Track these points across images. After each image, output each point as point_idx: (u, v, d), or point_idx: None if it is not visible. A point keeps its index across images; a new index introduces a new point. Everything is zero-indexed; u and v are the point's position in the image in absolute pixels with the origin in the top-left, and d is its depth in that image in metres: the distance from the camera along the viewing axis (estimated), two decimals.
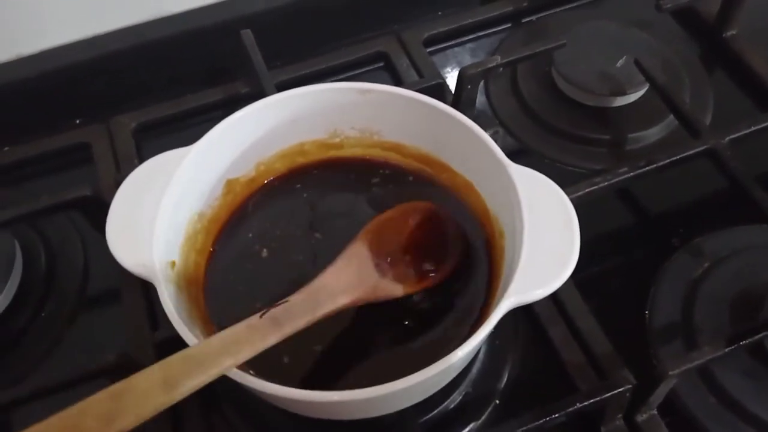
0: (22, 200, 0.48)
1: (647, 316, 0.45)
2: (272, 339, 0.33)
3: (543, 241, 0.34)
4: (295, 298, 0.35)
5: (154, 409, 0.28)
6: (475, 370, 0.43)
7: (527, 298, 0.33)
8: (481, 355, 0.43)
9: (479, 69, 0.50)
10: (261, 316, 0.33)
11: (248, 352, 0.31)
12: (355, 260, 0.38)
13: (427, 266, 0.40)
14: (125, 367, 0.39)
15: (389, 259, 0.39)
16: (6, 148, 0.56)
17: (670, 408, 0.41)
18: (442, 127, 0.40)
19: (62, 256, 0.49)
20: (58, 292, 0.47)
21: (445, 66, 0.59)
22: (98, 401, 0.28)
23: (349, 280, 0.37)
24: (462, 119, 0.39)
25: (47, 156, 0.55)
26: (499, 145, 0.38)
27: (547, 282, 0.34)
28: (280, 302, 0.34)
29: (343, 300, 0.36)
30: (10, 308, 0.46)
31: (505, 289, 0.34)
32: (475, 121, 0.39)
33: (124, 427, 0.27)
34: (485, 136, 0.38)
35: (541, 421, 0.37)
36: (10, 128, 0.56)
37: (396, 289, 0.38)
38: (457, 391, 0.42)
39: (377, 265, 0.38)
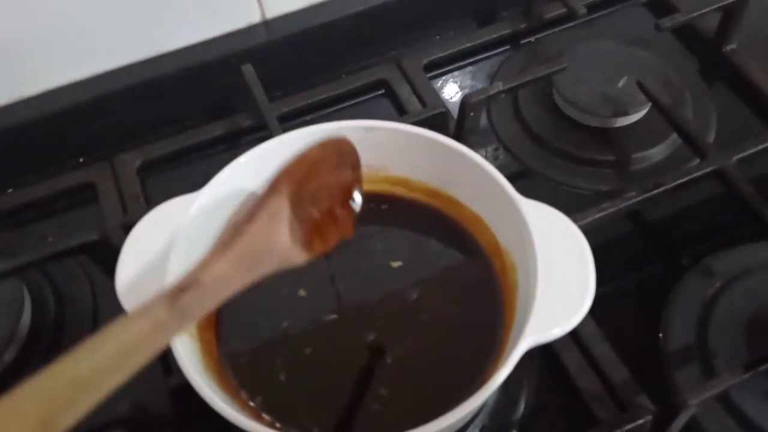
0: (29, 244, 0.48)
1: (661, 338, 0.44)
2: (177, 334, 0.28)
3: (557, 278, 0.34)
4: (206, 279, 0.29)
5: None
6: (491, 401, 0.43)
7: (545, 338, 0.33)
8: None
9: (481, 96, 0.50)
10: (171, 302, 0.27)
11: (148, 355, 0.26)
12: (274, 223, 0.32)
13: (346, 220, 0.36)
14: (139, 417, 0.39)
15: (304, 212, 0.34)
16: (10, 191, 0.56)
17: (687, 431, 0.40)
18: (449, 162, 0.40)
19: (71, 301, 0.49)
20: (67, 339, 0.47)
21: (446, 90, 0.59)
22: None
23: (263, 248, 0.31)
24: (469, 155, 0.39)
25: (52, 197, 0.54)
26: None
27: (563, 320, 0.33)
28: (188, 283, 0.29)
29: (253, 276, 0.31)
30: (19, 356, 0.45)
31: (520, 327, 0.34)
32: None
33: None
34: (494, 171, 0.38)
35: None
36: (14, 170, 0.56)
37: (300, 257, 0.34)
38: (473, 424, 0.41)
39: (290, 226, 0.33)
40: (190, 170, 0.56)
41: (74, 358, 0.24)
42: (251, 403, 0.37)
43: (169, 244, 0.37)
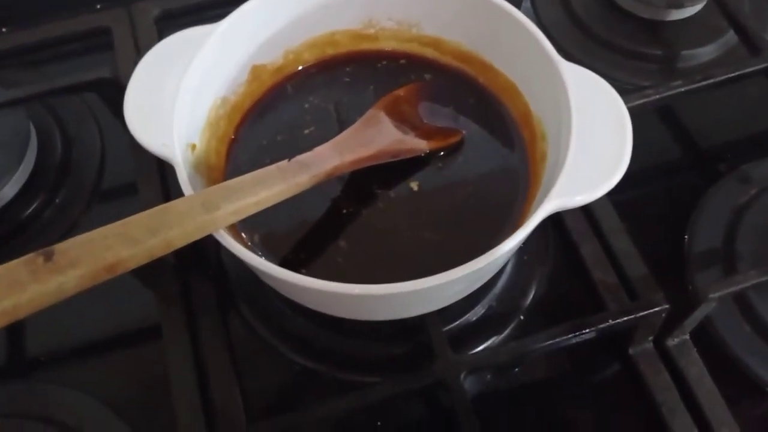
0: (39, 81, 0.46)
1: (686, 240, 0.42)
2: (303, 178, 0.33)
3: (591, 144, 0.32)
4: (321, 148, 0.35)
5: (197, 227, 0.29)
6: (500, 284, 0.41)
7: (571, 203, 0.31)
8: (507, 269, 0.41)
9: None
10: (289, 161, 0.33)
11: (281, 187, 0.32)
12: (374, 121, 0.38)
13: (448, 128, 0.40)
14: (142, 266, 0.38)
15: (409, 124, 0.39)
16: (24, 30, 0.53)
17: (701, 334, 0.39)
18: (488, 21, 0.37)
19: (78, 143, 0.48)
20: (73, 179, 0.46)
21: None
22: (139, 218, 0.28)
23: (370, 135, 0.37)
24: (511, 11, 0.36)
25: (65, 39, 0.52)
26: None
27: (591, 187, 0.31)
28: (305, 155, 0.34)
29: (367, 151, 0.36)
30: (22, 192, 0.44)
31: (546, 193, 0.32)
32: None
33: (169, 238, 0.28)
34: (535, 29, 0.35)
35: (570, 336, 0.36)
36: (29, 9, 0.54)
37: (421, 144, 0.38)
38: (480, 305, 0.40)
39: (398, 127, 0.38)
40: None
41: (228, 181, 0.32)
42: (249, 243, 0.36)
43: (182, 74, 0.35)
